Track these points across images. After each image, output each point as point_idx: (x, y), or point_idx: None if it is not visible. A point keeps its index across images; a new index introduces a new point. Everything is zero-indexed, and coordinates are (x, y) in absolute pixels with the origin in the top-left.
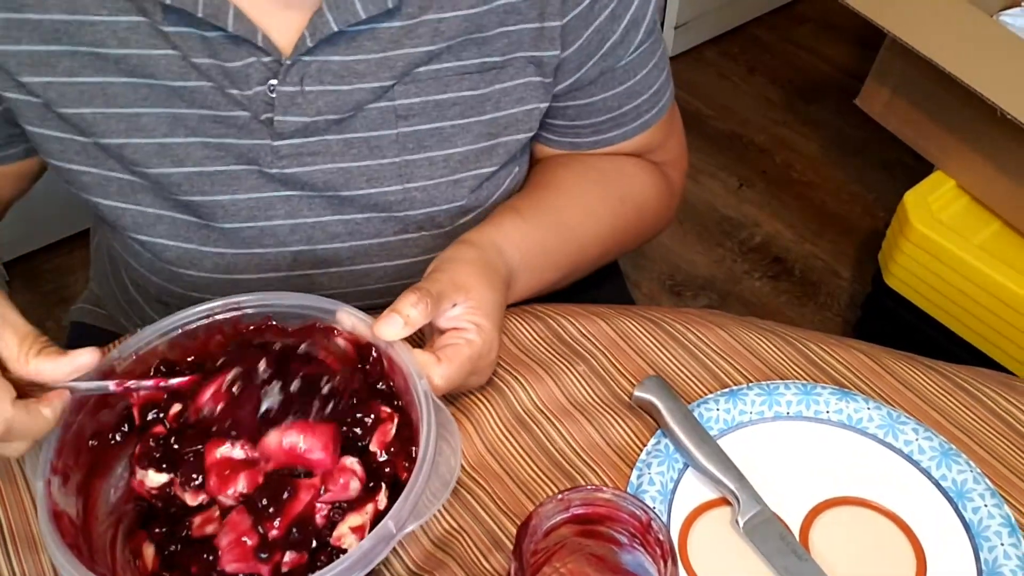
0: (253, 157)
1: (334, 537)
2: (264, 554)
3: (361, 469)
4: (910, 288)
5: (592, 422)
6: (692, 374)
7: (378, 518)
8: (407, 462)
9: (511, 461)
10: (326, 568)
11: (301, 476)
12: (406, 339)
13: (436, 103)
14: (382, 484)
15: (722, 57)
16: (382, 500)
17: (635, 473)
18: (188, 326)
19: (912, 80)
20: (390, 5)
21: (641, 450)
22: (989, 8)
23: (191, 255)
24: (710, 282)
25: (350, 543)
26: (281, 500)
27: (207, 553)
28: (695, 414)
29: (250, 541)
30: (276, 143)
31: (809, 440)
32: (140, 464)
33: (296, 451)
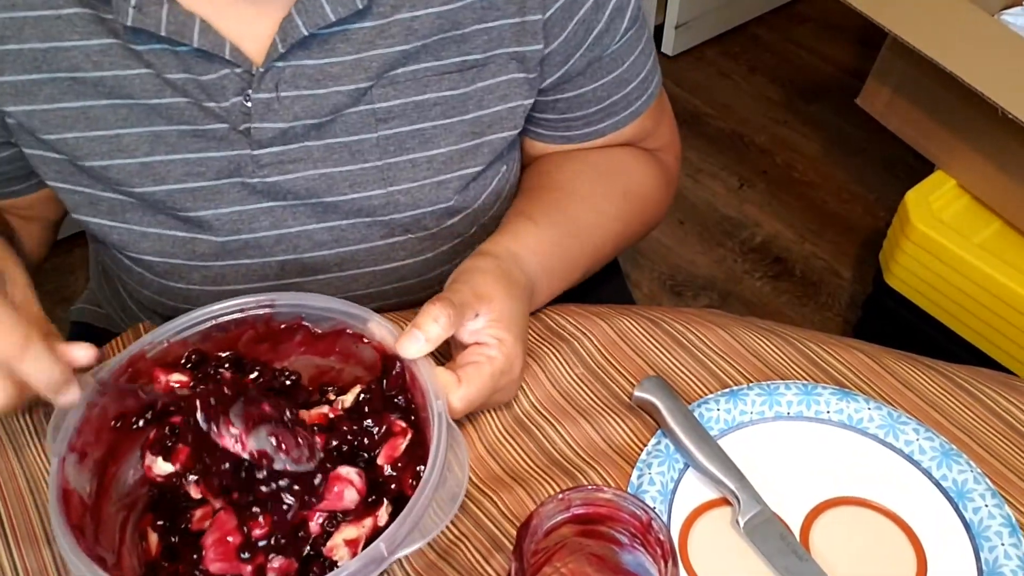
0: (235, 169)
1: (327, 548)
2: (246, 554)
3: (360, 480)
4: (911, 288)
5: (592, 423)
6: (692, 374)
7: (376, 534)
8: (413, 480)
9: (512, 463)
10: None
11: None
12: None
13: (416, 104)
14: (384, 499)
15: (723, 57)
16: (383, 516)
17: (635, 473)
18: (221, 319)
19: (913, 79)
20: (360, 5)
21: (641, 450)
22: (990, 7)
23: (179, 269)
24: (710, 282)
25: (342, 556)
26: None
27: (194, 552)
28: (695, 414)
29: (234, 541)
30: (256, 152)
31: (810, 440)
32: (152, 451)
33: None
